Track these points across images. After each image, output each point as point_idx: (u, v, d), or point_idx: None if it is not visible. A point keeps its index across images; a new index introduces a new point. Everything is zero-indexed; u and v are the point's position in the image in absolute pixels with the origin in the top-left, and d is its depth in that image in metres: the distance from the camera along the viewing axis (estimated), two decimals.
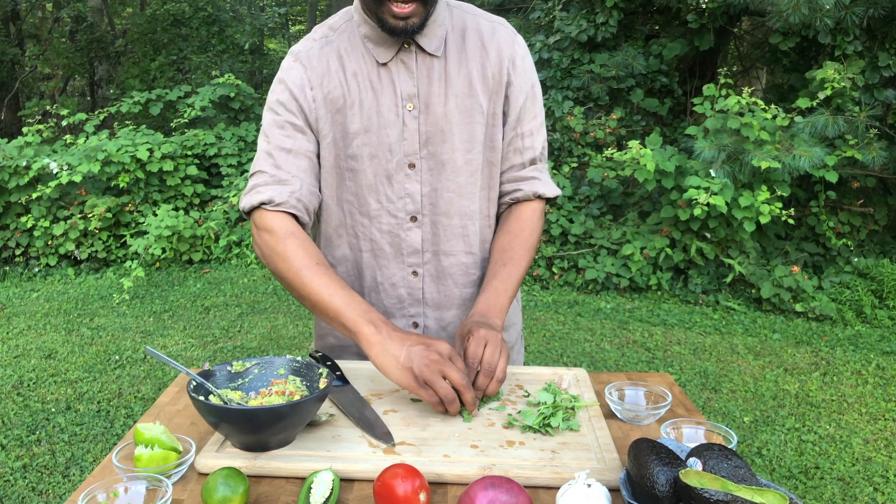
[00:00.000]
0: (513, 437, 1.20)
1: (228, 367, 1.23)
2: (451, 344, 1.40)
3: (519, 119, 1.49)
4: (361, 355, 1.56)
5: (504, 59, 1.46)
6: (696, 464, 0.96)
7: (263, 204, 1.37)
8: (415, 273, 1.50)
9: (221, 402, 1.16)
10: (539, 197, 1.54)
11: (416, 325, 1.54)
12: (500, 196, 1.55)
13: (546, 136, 1.55)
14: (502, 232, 1.52)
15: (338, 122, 1.42)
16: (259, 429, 1.08)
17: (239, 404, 1.17)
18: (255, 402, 1.19)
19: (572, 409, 1.27)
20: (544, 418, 1.22)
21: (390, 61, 1.41)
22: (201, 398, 1.11)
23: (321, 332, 1.61)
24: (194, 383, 1.15)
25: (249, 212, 1.42)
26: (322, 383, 1.19)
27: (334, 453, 1.13)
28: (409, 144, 1.43)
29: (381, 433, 1.17)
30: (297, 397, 1.19)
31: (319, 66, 1.42)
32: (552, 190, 1.55)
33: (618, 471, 1.10)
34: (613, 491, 1.06)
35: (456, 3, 1.50)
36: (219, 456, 1.11)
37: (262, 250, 1.38)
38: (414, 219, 1.46)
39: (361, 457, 1.12)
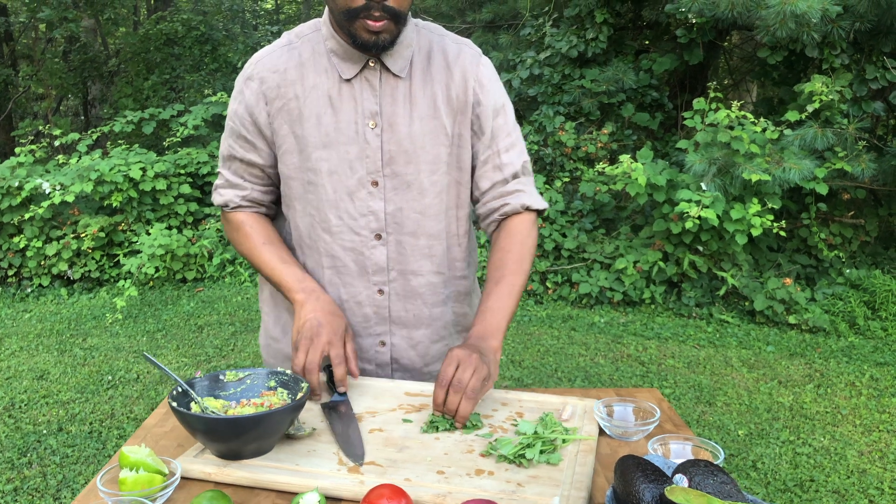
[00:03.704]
0: (485, 465, 1.16)
1: (221, 376, 1.28)
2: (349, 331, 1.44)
3: (493, 136, 1.50)
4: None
5: (469, 79, 1.46)
6: (681, 480, 0.96)
7: (222, 206, 1.56)
8: (381, 291, 1.49)
9: (200, 411, 1.19)
10: (528, 209, 1.53)
11: (383, 343, 1.53)
12: (489, 213, 1.54)
13: (526, 152, 1.56)
14: (493, 250, 1.52)
15: (296, 133, 1.43)
16: (227, 438, 1.12)
17: (213, 412, 1.20)
18: (233, 411, 1.23)
19: (554, 441, 1.22)
20: (520, 449, 1.18)
21: (354, 78, 1.41)
22: (175, 405, 1.15)
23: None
24: (176, 392, 1.19)
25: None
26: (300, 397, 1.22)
27: (302, 467, 1.14)
28: (372, 162, 1.43)
29: (352, 451, 1.18)
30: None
31: (275, 77, 1.43)
32: (539, 202, 1.54)
33: None
34: None
35: (424, 23, 1.51)
36: (195, 461, 1.15)
37: (228, 239, 1.61)
38: (378, 237, 1.46)
39: (325, 473, 1.12)
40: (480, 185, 1.53)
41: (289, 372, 1.27)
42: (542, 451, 1.18)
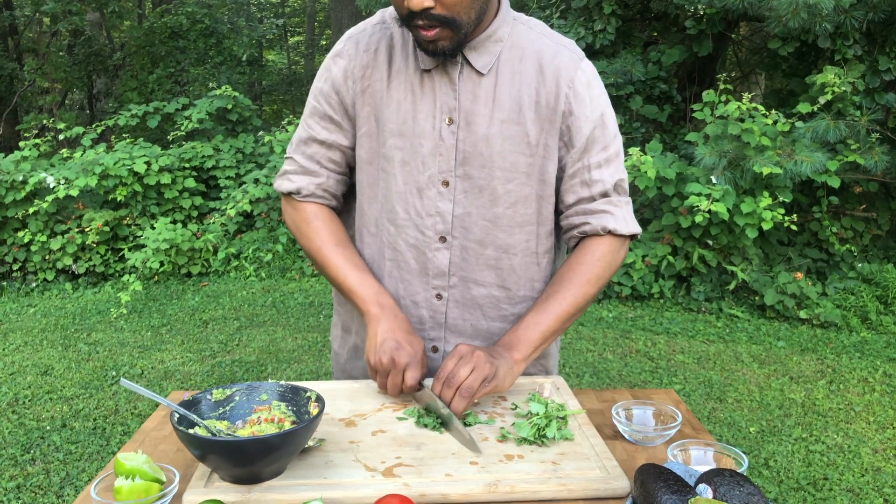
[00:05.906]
0: (510, 450, 1.18)
1: (208, 396, 1.16)
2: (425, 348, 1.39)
3: (585, 150, 1.37)
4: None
5: (562, 86, 1.34)
6: (706, 491, 0.91)
7: (292, 193, 1.46)
8: (439, 296, 1.42)
9: (209, 434, 1.09)
10: (610, 232, 1.39)
11: (435, 349, 1.46)
12: (569, 229, 1.43)
13: (624, 169, 1.41)
14: (561, 267, 1.43)
15: (377, 116, 1.37)
16: (252, 460, 1.02)
17: (229, 435, 1.11)
18: (243, 431, 1.13)
19: (563, 418, 1.24)
20: (539, 429, 1.20)
21: (433, 69, 1.34)
22: (187, 430, 1.04)
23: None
24: (178, 415, 1.08)
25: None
26: (313, 408, 1.15)
27: (331, 480, 1.08)
28: (445, 161, 1.35)
29: (473, 446, 1.18)
30: (286, 424, 1.14)
31: (366, 56, 1.37)
32: (626, 226, 1.39)
33: (622, 479, 1.08)
34: None
35: (526, 18, 1.40)
36: (208, 491, 1.05)
37: (290, 227, 1.50)
38: (443, 239, 1.39)
39: (360, 482, 1.08)
40: (565, 198, 1.41)
41: (283, 383, 1.20)
42: (557, 429, 1.22)
